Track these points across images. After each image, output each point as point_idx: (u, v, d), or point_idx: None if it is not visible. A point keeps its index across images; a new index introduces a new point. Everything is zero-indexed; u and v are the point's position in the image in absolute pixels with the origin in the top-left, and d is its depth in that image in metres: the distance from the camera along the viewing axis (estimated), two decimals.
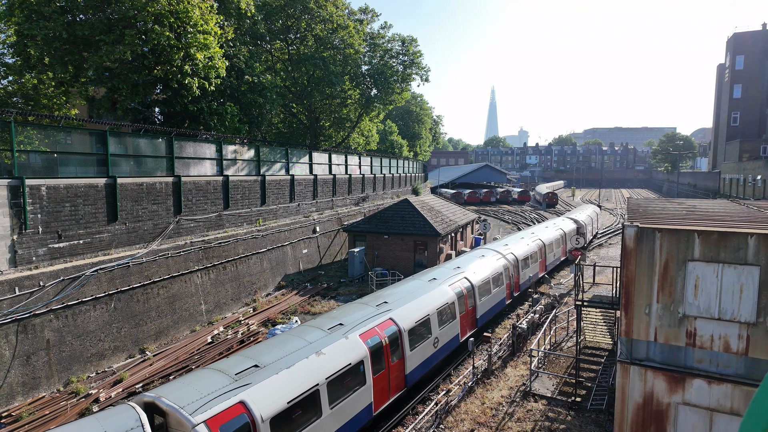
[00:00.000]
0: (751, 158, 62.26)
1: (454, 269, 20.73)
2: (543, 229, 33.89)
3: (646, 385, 10.95)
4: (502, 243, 27.06)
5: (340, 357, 12.36)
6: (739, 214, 13.62)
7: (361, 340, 13.38)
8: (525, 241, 28.35)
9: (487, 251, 24.33)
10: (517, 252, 25.86)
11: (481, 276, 21.01)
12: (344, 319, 14.19)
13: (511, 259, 24.63)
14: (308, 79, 44.07)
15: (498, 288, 22.32)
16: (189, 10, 23.36)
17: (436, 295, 17.37)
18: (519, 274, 25.37)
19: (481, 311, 20.46)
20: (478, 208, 74.98)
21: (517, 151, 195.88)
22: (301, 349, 11.95)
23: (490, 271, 21.98)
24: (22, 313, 15.13)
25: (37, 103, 24.34)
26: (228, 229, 25.64)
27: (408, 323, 15.16)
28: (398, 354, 14.60)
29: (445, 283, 18.62)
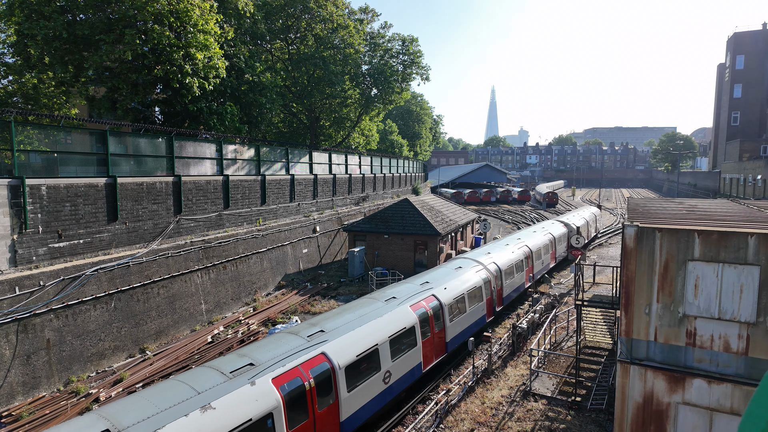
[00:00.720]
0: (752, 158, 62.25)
1: (421, 285, 18.37)
2: (530, 234, 31.26)
3: (646, 385, 10.95)
4: (483, 251, 24.64)
5: (236, 412, 9.72)
6: (739, 214, 13.62)
7: (274, 386, 10.62)
8: (509, 249, 25.99)
9: (466, 261, 22.09)
10: (501, 261, 23.65)
11: (454, 292, 18.65)
12: (261, 356, 11.44)
13: (493, 270, 22.41)
14: (308, 78, 44.06)
15: (476, 305, 20.11)
16: (189, 10, 23.36)
17: (390, 320, 14.95)
18: (502, 286, 23.16)
19: (453, 333, 18.09)
20: (478, 208, 74.97)
21: (517, 150, 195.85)
22: None
23: (466, 285, 19.71)
24: (22, 312, 15.14)
25: (37, 103, 24.34)
26: (228, 228, 25.65)
27: (346, 358, 12.60)
28: (331, 398, 12.06)
29: (406, 303, 16.21)
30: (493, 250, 24.85)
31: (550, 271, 33.22)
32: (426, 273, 20.57)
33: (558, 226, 36.13)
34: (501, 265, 23.32)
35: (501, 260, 23.76)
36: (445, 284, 18.76)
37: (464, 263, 21.89)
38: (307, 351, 11.97)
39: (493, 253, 24.39)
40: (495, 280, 22.30)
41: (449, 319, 17.80)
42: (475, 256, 23.26)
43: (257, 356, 11.42)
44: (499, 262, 23.35)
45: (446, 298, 17.91)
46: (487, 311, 21.46)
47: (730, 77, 76.46)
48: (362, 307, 15.53)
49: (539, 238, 30.76)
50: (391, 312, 15.38)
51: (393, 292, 17.23)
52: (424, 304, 16.73)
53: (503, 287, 23.23)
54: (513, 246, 26.77)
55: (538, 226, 35.57)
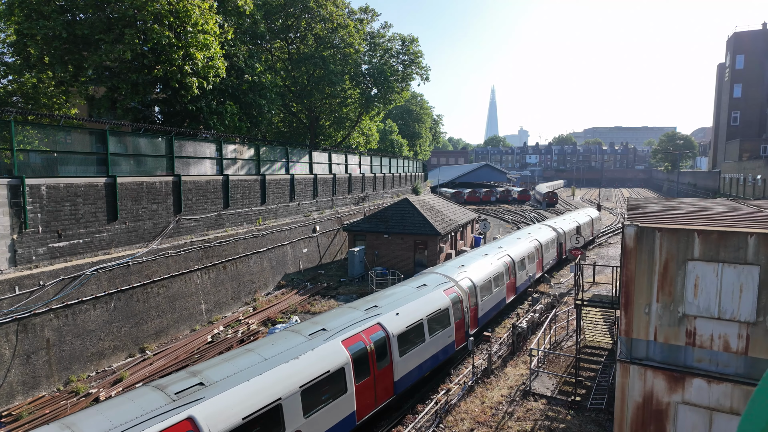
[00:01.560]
0: (751, 158, 62.27)
1: (366, 310, 15.08)
2: (513, 242, 28.22)
3: (645, 385, 10.96)
4: (457, 264, 21.69)
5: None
6: (739, 214, 13.63)
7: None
8: (488, 260, 23.14)
9: (433, 278, 19.35)
10: (476, 276, 20.88)
11: (409, 318, 15.62)
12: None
13: (466, 287, 19.58)
14: (308, 78, 44.05)
15: (441, 331, 17.02)
16: (189, 10, 23.35)
17: (309, 363, 11.80)
18: (478, 305, 20.35)
19: (405, 370, 15.00)
20: (478, 208, 75.00)
21: (517, 150, 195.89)
22: None
23: (429, 307, 16.75)
24: (22, 312, 15.14)
25: (36, 103, 24.34)
26: (228, 228, 25.65)
27: (227, 425, 9.62)
28: None
29: (337, 337, 13.15)
30: (468, 263, 22.06)
31: (550, 271, 33.18)
32: (379, 294, 17.25)
33: (546, 231, 33.14)
34: (477, 280, 20.55)
35: (477, 275, 20.98)
36: (398, 308, 15.73)
37: (431, 280, 19.05)
38: (171, 415, 9.35)
39: (468, 266, 21.61)
40: (469, 298, 19.46)
41: (399, 353, 14.72)
42: (446, 270, 20.45)
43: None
44: (474, 278, 20.57)
45: (396, 327, 14.87)
46: (457, 337, 18.29)
47: (730, 77, 76.48)
48: (275, 345, 12.26)
49: (523, 245, 27.92)
50: (309, 353, 12.08)
51: (326, 322, 14.02)
52: (363, 336, 13.76)
53: (479, 306, 20.43)
54: (492, 256, 23.89)
55: (523, 231, 32.52)
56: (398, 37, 47.92)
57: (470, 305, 19.58)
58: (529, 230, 32.76)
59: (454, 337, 18.02)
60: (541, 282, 29.99)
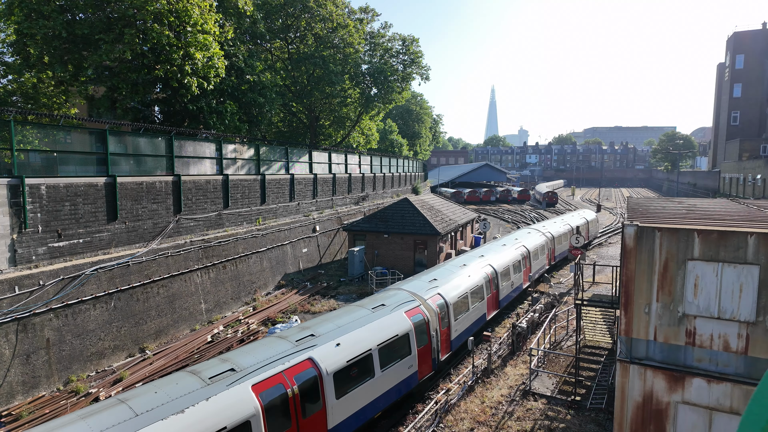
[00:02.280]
0: (751, 157, 62.27)
1: (297, 342, 12.25)
2: (498, 249, 25.48)
3: (645, 384, 10.96)
4: (428, 278, 19.01)
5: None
6: (739, 214, 13.63)
7: None
8: (466, 271, 20.59)
9: (397, 296, 16.39)
10: (450, 292, 18.11)
11: (353, 351, 12.80)
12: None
13: (435, 306, 16.68)
14: (308, 78, 44.04)
15: (396, 364, 14.22)
16: (188, 9, 23.34)
17: (193, 421, 9.17)
18: (450, 326, 17.65)
19: (344, 414, 12.39)
20: (478, 207, 75.00)
21: (517, 150, 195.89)
22: None
23: (380, 336, 13.95)
24: (22, 312, 15.14)
25: (36, 102, 24.32)
26: (228, 228, 25.64)
27: None
28: None
29: (246, 380, 10.41)
30: (442, 276, 19.50)
31: (549, 270, 33.17)
32: (323, 318, 14.45)
33: (535, 236, 30.69)
34: (450, 297, 17.92)
35: (451, 291, 18.28)
36: (340, 337, 13.01)
37: (393, 299, 16.08)
38: None
39: (442, 279, 19.04)
40: (439, 319, 16.72)
41: (336, 395, 12.08)
42: (414, 286, 17.75)
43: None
44: (447, 294, 17.91)
45: (333, 362, 12.17)
46: (421, 367, 15.50)
47: (729, 77, 76.48)
48: (166, 391, 9.69)
49: (508, 254, 25.20)
50: (205, 402, 9.53)
51: (241, 357, 11.35)
52: (285, 377, 11.08)
53: (452, 327, 17.82)
54: (472, 267, 21.40)
55: (509, 237, 29.65)
56: (398, 37, 47.92)
57: (440, 327, 16.89)
58: (516, 235, 30.15)
59: (417, 367, 15.25)
60: (540, 282, 30.00)
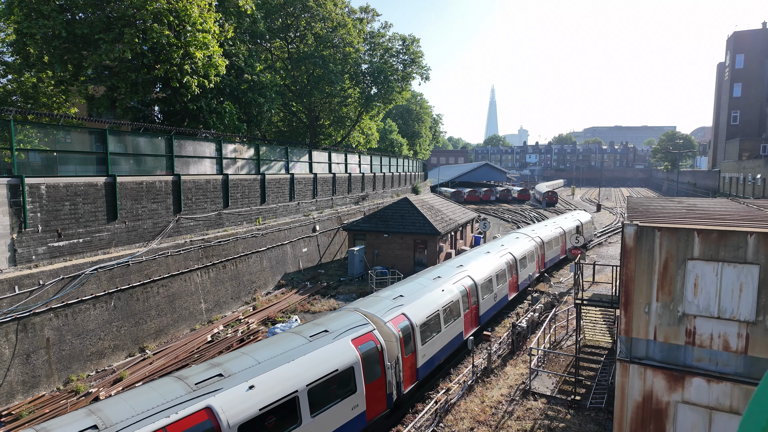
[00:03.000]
0: (751, 157, 62.25)
1: (196, 386, 9.87)
2: (480, 257, 22.81)
3: (645, 384, 10.96)
4: (394, 294, 16.22)
5: None
6: (739, 213, 13.63)
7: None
8: (441, 286, 17.94)
9: (349, 318, 13.74)
10: (418, 313, 15.40)
11: (270, 394, 10.33)
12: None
13: (398, 329, 14.13)
14: (308, 77, 44.03)
15: (335, 405, 11.77)
16: (188, 9, 23.33)
17: None
18: (417, 352, 14.97)
19: None
20: (477, 207, 75.00)
21: (517, 149, 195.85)
22: None
23: (312, 373, 11.28)
24: (22, 311, 15.13)
25: (36, 102, 24.33)
26: (228, 227, 25.64)
27: None
28: None
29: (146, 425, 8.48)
30: (411, 292, 16.68)
31: (549, 270, 33.11)
32: (238, 353, 11.51)
33: (524, 241, 27.93)
34: (417, 318, 15.26)
35: (418, 310, 15.57)
36: (253, 378, 10.32)
37: (339, 323, 13.40)
38: None
39: (410, 296, 16.19)
40: (401, 345, 14.16)
41: None
42: (374, 308, 14.81)
43: None
44: (414, 314, 15.23)
45: (238, 414, 9.69)
46: (371, 407, 12.94)
47: (729, 76, 76.46)
48: None
49: (492, 262, 22.72)
50: None
51: (106, 411, 8.89)
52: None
53: (418, 353, 15.10)
54: (448, 279, 18.74)
55: (495, 243, 26.86)
56: (398, 36, 47.92)
57: (403, 354, 14.41)
58: (502, 241, 27.38)
59: (365, 406, 12.61)
60: (540, 281, 30.00)
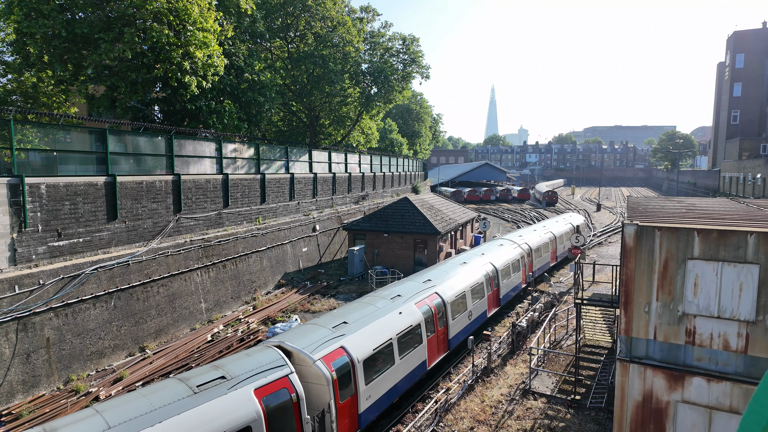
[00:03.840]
0: (751, 156, 62.22)
1: None
2: (455, 269, 20.02)
3: (645, 384, 10.96)
4: (333, 321, 13.34)
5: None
6: (739, 213, 13.63)
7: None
8: (397, 308, 15.01)
9: (260, 356, 11.17)
10: (364, 343, 12.75)
11: None
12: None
13: (328, 370, 11.50)
14: (308, 77, 44.00)
15: None
16: (188, 8, 23.31)
17: None
18: (358, 394, 12.34)
19: None
20: (477, 207, 74.99)
21: (517, 149, 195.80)
22: None
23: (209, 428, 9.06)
24: (22, 311, 15.14)
25: (36, 101, 24.32)
26: (228, 227, 25.64)
27: None
28: None
29: None
30: (357, 318, 13.78)
31: (550, 270, 33.08)
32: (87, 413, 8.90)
33: (508, 249, 25.21)
34: (361, 352, 12.49)
35: (363, 342, 12.77)
36: None
37: (246, 364, 10.80)
38: None
39: (355, 323, 13.40)
40: (335, 388, 11.56)
41: None
42: (296, 337, 12.23)
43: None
44: (357, 349, 12.45)
45: None
46: None
47: (730, 76, 76.43)
48: None
49: (468, 275, 19.87)
50: None
51: None
52: None
53: (360, 395, 12.41)
54: (408, 299, 15.88)
55: (474, 252, 23.76)
56: (399, 36, 47.88)
57: (337, 400, 11.56)
58: (483, 249, 24.55)
59: None
60: (540, 281, 30.00)
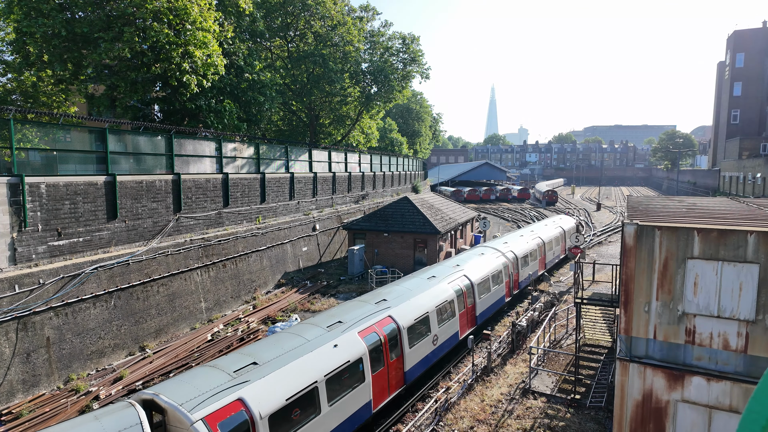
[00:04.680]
0: (751, 156, 62.21)
1: None
2: (420, 286, 17.36)
3: (645, 383, 10.97)
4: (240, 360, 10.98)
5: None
6: (739, 212, 13.63)
7: None
8: (333, 339, 12.46)
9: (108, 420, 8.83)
10: (278, 392, 10.32)
11: None
12: None
13: None
14: (308, 76, 43.98)
15: None
16: (188, 7, 23.30)
17: None
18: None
19: None
20: (477, 206, 74.97)
21: (517, 148, 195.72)
22: None
23: None
24: (22, 310, 15.14)
25: (36, 101, 24.32)
26: (228, 226, 25.64)
27: None
28: None
29: None
30: (275, 354, 11.38)
31: (550, 270, 33.06)
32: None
33: (490, 258, 22.73)
34: (269, 404, 10.04)
35: (275, 390, 10.37)
36: None
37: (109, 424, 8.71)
38: None
39: (271, 362, 10.97)
40: None
41: None
42: (177, 387, 9.83)
43: None
44: (264, 399, 10.06)
45: None
46: None
47: (730, 75, 76.39)
48: None
49: (433, 294, 17.12)
50: None
51: None
52: None
53: None
54: (350, 327, 13.23)
55: (448, 264, 20.87)
56: (399, 35, 47.85)
57: None
58: (458, 260, 21.67)
59: None
60: (540, 281, 29.99)
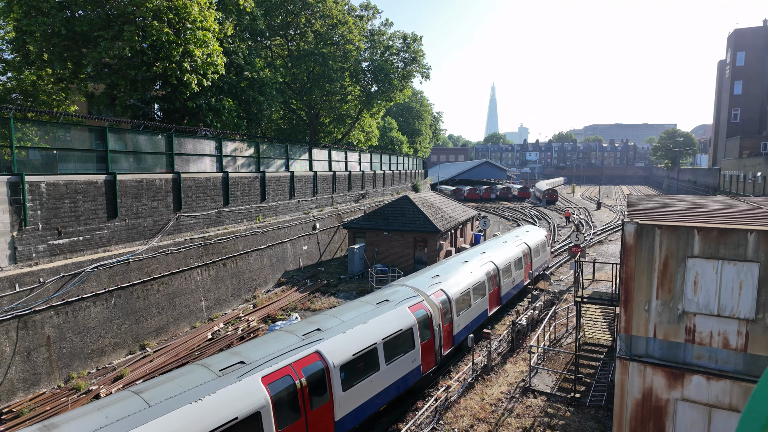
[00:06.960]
0: (752, 155, 62.17)
1: None
2: (367, 315, 14.29)
3: (645, 381, 10.97)
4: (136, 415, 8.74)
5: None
6: (739, 211, 13.62)
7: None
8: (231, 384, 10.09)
9: None
10: None
11: None
12: None
13: None
14: (308, 75, 43.94)
15: None
16: (188, 6, 23.28)
17: None
18: None
19: None
20: (478, 205, 74.95)
21: (517, 147, 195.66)
22: None
23: None
24: (22, 309, 15.15)
25: (36, 100, 24.29)
26: (228, 225, 25.64)
27: None
28: None
29: None
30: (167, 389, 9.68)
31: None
32: None
33: (475, 266, 20.90)
34: None
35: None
36: None
37: None
38: None
39: (159, 398, 9.34)
40: None
41: None
42: None
43: None
44: None
45: None
46: None
47: (730, 74, 76.33)
48: None
49: (388, 319, 14.51)
50: None
51: None
52: None
53: None
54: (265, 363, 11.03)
55: (419, 278, 18.53)
56: (399, 35, 47.81)
57: None
58: (437, 270, 19.59)
59: None
60: (540, 280, 30.01)
